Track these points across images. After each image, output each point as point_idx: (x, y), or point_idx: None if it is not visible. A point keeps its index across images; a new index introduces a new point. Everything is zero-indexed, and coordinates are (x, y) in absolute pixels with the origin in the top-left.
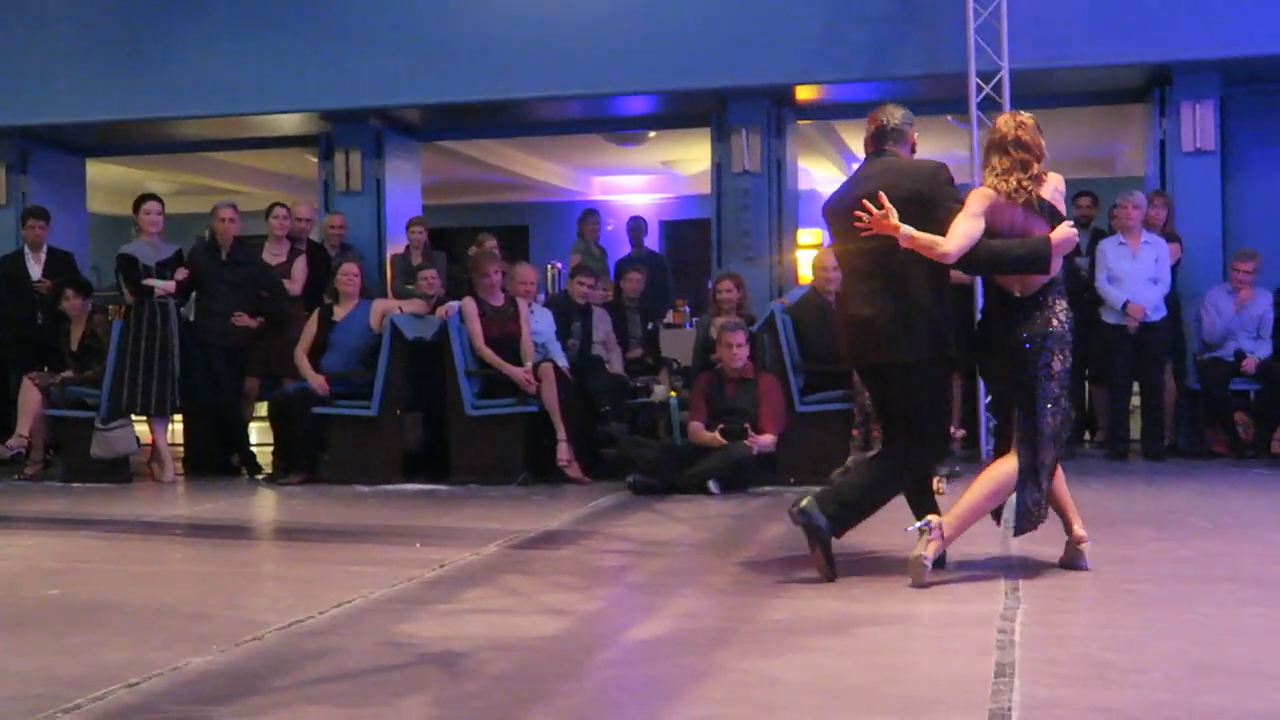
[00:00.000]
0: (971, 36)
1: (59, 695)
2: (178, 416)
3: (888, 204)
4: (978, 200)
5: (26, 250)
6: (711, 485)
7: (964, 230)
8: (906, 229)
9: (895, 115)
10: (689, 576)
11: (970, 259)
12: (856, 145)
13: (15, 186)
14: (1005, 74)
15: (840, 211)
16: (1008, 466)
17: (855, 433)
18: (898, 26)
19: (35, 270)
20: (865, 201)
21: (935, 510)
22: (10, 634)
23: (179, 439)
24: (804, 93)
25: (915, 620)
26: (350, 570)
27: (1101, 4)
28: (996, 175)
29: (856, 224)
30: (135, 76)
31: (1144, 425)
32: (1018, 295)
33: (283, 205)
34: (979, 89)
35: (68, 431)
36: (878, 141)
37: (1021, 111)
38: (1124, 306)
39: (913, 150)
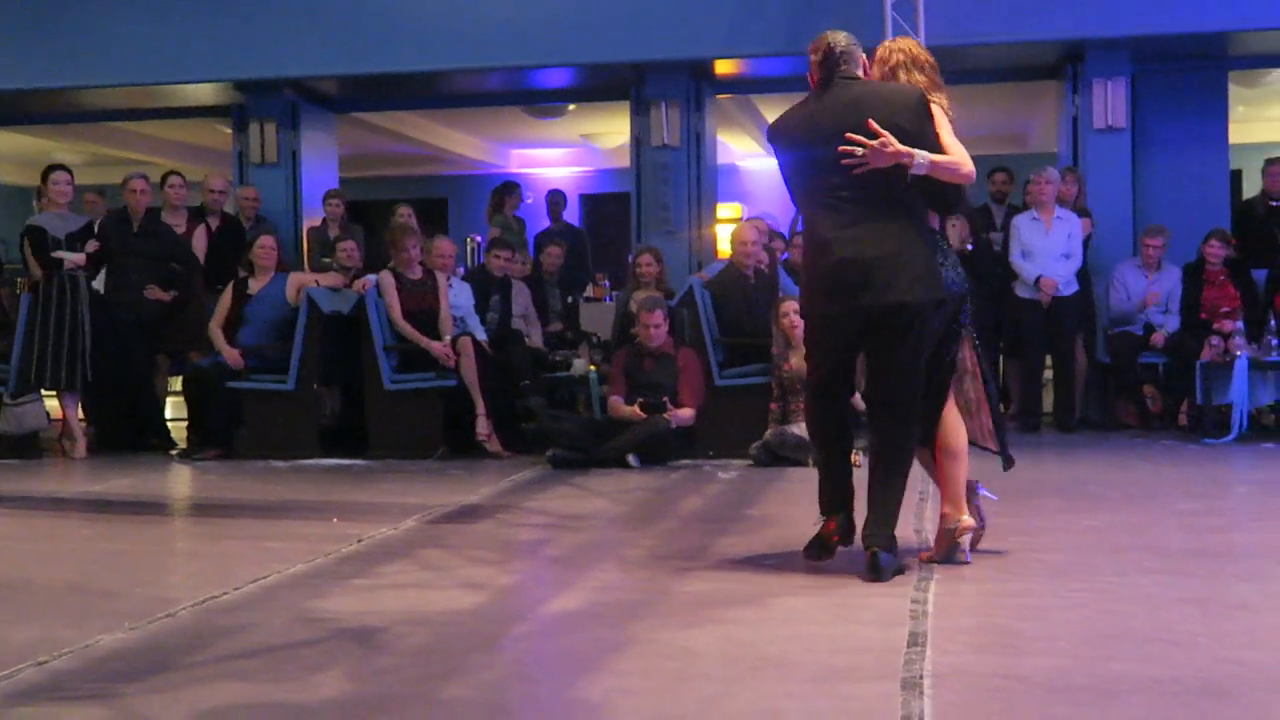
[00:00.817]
0: (889, 12)
1: None
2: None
3: (884, 132)
4: (942, 115)
5: None
6: (631, 459)
7: (962, 147)
8: (923, 154)
9: (840, 37)
10: (606, 550)
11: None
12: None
13: None
14: None
15: (809, 147)
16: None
17: (774, 406)
18: (816, 1)
19: None
20: (851, 135)
21: (850, 488)
22: None
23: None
24: (723, 66)
25: (828, 591)
26: (265, 546)
27: None
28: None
29: (845, 161)
30: (40, 43)
31: (1055, 398)
32: None
33: (178, 173)
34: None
35: None
36: (827, 69)
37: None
38: (1036, 281)
39: (865, 73)
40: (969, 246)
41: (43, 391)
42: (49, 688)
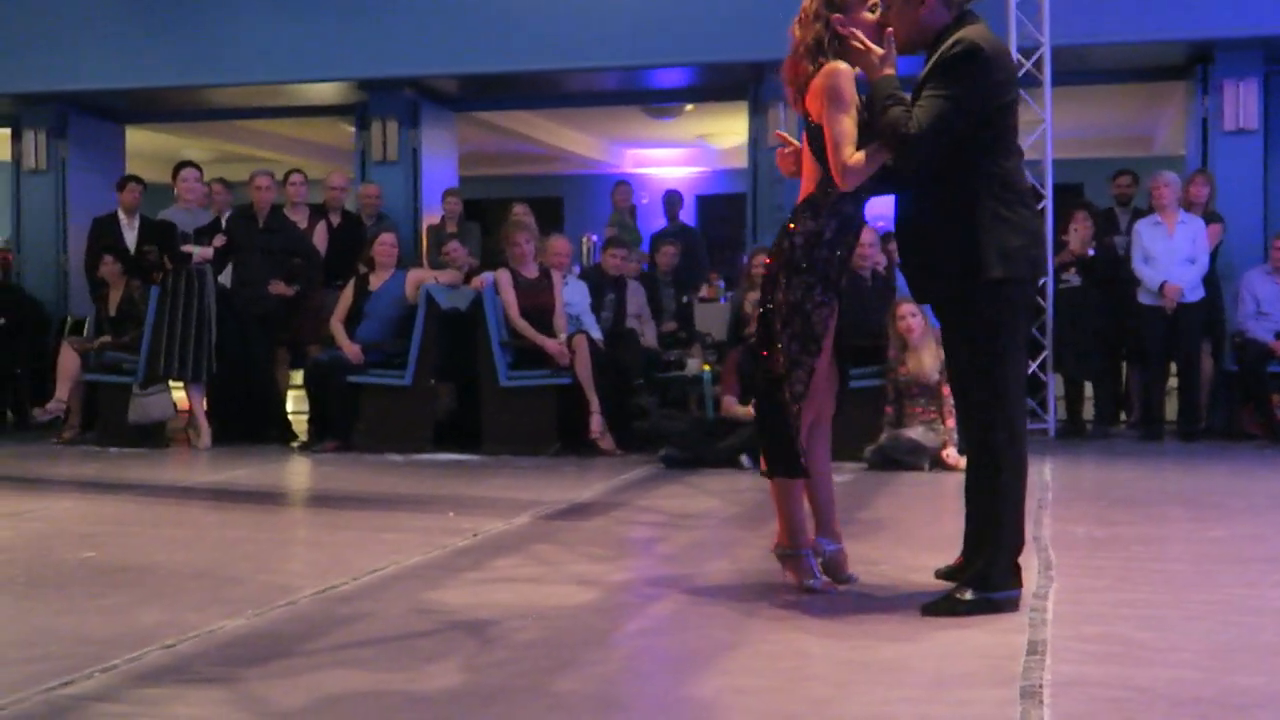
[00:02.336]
0: (1013, 12)
1: (96, 655)
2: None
3: None
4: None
5: (120, 214)
6: (743, 459)
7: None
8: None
9: None
10: (719, 550)
11: None
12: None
13: (55, 152)
14: (1046, 50)
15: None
16: None
17: (888, 409)
18: None
19: (129, 235)
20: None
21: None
22: (48, 595)
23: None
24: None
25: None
26: (383, 537)
27: None
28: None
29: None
30: (173, 43)
31: (1179, 406)
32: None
33: (299, 171)
34: (1020, 65)
35: (105, 396)
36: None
37: None
38: (1160, 287)
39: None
40: (1090, 251)
41: (169, 383)
42: (174, 670)
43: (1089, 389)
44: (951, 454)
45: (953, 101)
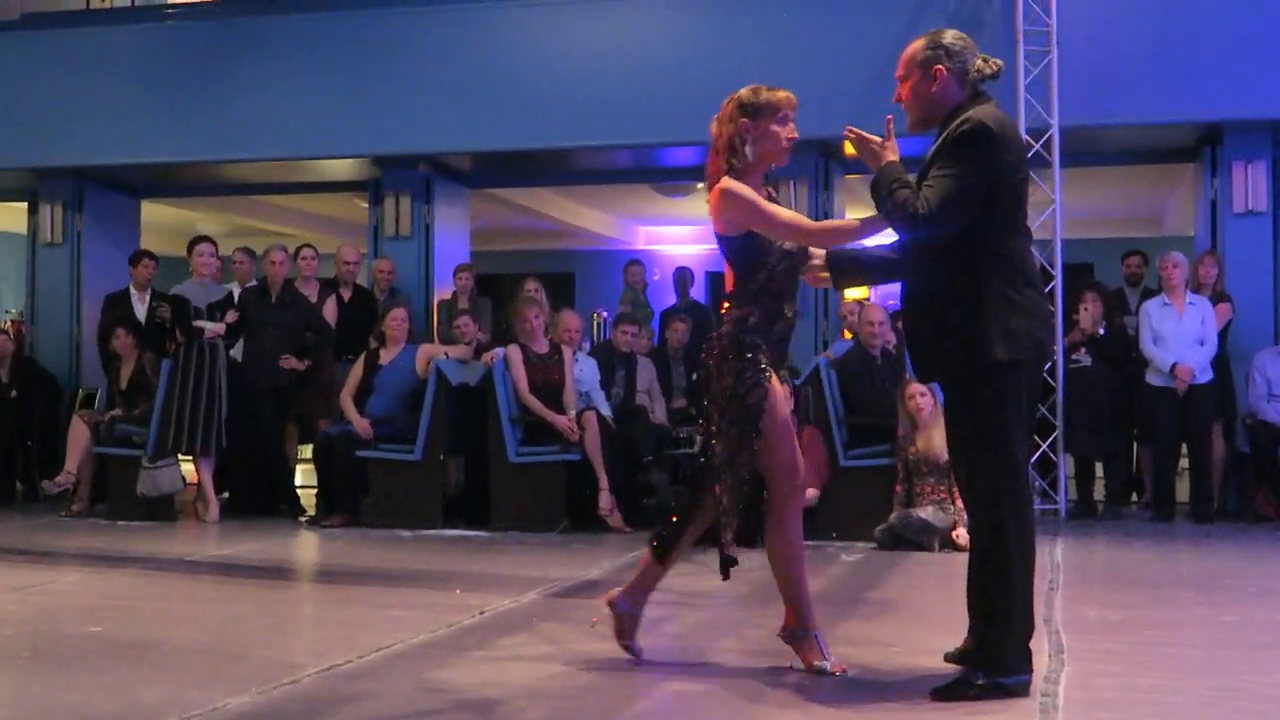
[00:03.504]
0: (1021, 94)
1: None
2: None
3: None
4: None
5: (132, 289)
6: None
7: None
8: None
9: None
10: (727, 629)
11: None
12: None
13: (70, 225)
14: (1055, 131)
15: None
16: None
17: (899, 488)
18: None
19: (140, 310)
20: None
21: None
22: (51, 670)
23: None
24: (850, 149)
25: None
26: (389, 614)
27: (1152, 62)
28: None
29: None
30: (188, 119)
31: (1191, 487)
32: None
33: (310, 246)
34: (1029, 146)
35: (115, 469)
36: (981, 82)
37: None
38: (1171, 369)
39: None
40: (1101, 330)
41: (179, 456)
42: None
43: (1100, 469)
44: (962, 534)
45: (960, 180)
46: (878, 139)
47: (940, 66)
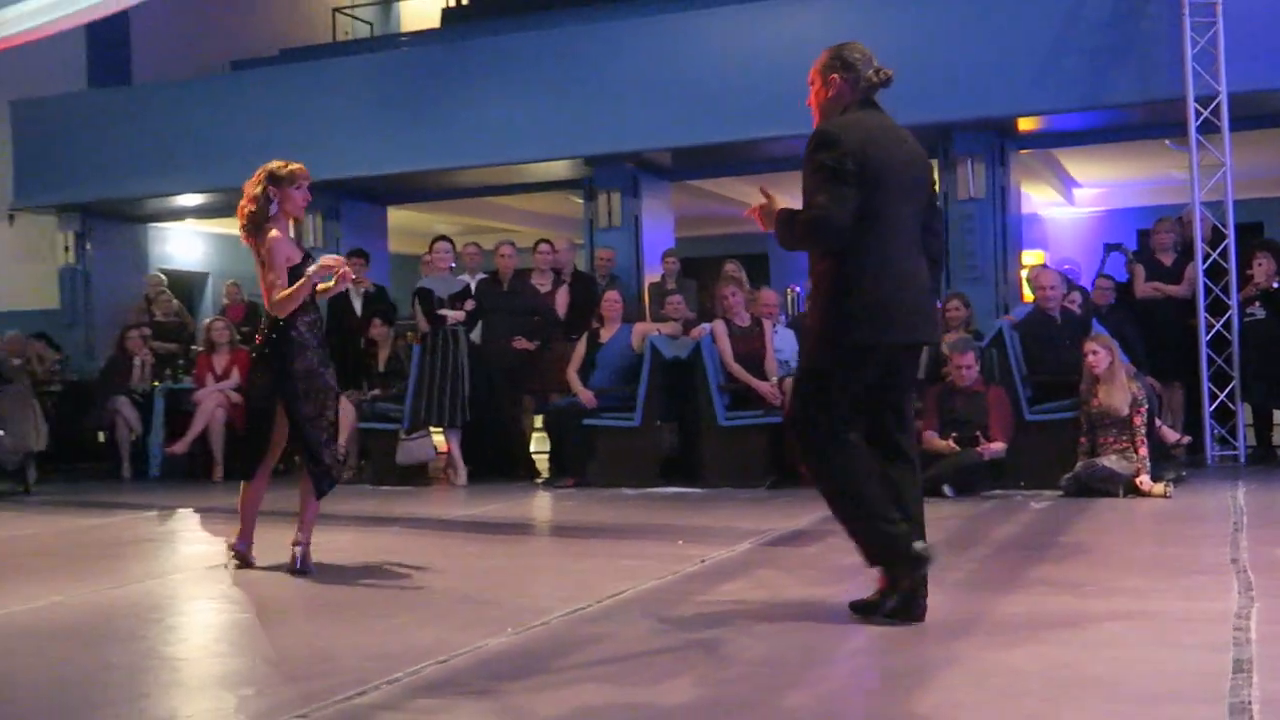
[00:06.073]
0: (1189, 62)
1: (380, 669)
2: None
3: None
4: None
5: (350, 287)
6: (946, 489)
7: None
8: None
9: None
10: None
11: None
12: (1076, 170)
13: (330, 233)
14: (1223, 98)
15: (896, 170)
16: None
17: (1082, 440)
18: (1115, 56)
19: (356, 304)
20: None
21: None
22: (337, 616)
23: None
24: (1025, 124)
25: (1149, 616)
26: (621, 564)
27: None
28: None
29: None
30: (424, 134)
31: None
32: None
33: (546, 241)
34: (1197, 113)
35: (376, 441)
36: (872, 91)
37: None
38: None
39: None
40: (1275, 285)
41: (430, 428)
42: (449, 683)
43: (1277, 416)
44: (1145, 480)
45: (827, 181)
46: (764, 202)
47: (835, 75)
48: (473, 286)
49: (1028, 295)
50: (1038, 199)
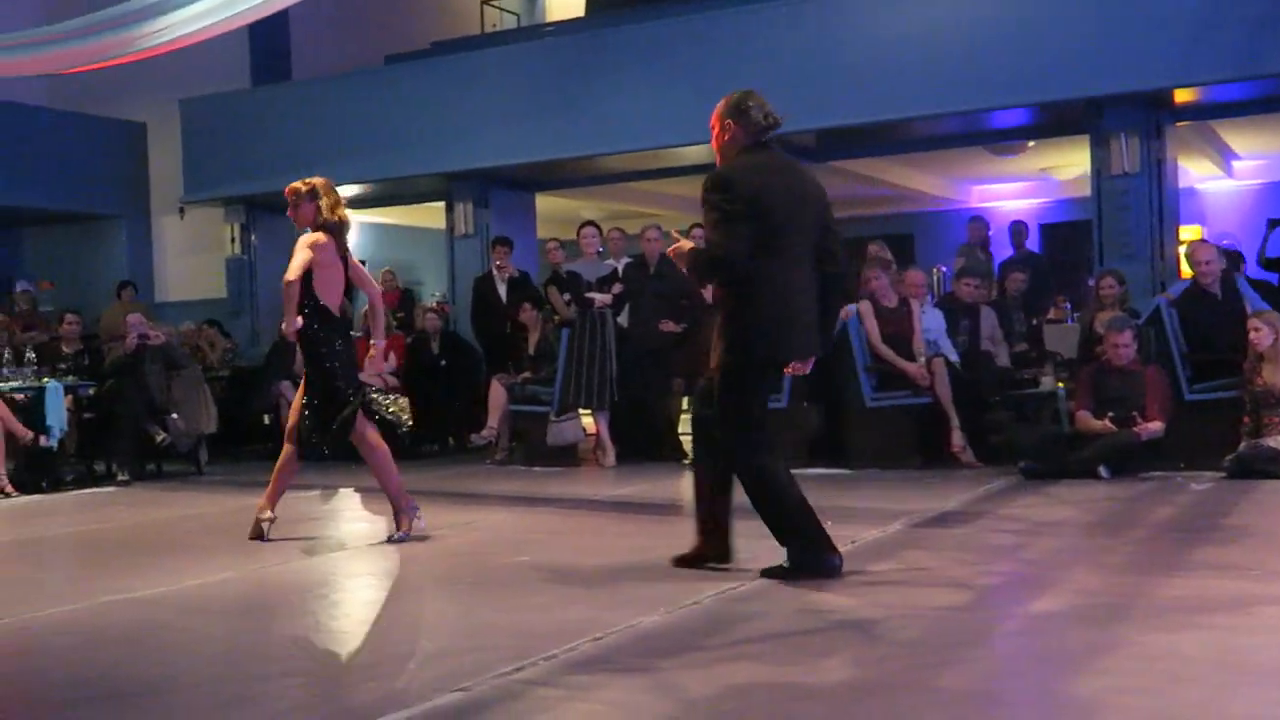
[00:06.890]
0: None
1: (535, 647)
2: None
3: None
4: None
5: (494, 272)
6: (1101, 470)
7: None
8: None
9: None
10: (1082, 555)
11: None
12: (1235, 143)
13: (480, 219)
14: None
15: (786, 203)
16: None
17: (1246, 420)
18: (1270, 25)
19: (501, 290)
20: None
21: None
22: (490, 594)
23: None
24: (1181, 95)
25: None
26: (770, 544)
27: None
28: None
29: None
30: (569, 122)
31: None
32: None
33: (698, 225)
34: None
35: (527, 424)
36: (763, 134)
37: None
38: None
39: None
40: None
41: (579, 410)
42: (602, 660)
43: None
44: None
45: (720, 221)
46: (675, 246)
47: (730, 121)
48: (620, 271)
49: (1185, 271)
50: (1195, 173)
